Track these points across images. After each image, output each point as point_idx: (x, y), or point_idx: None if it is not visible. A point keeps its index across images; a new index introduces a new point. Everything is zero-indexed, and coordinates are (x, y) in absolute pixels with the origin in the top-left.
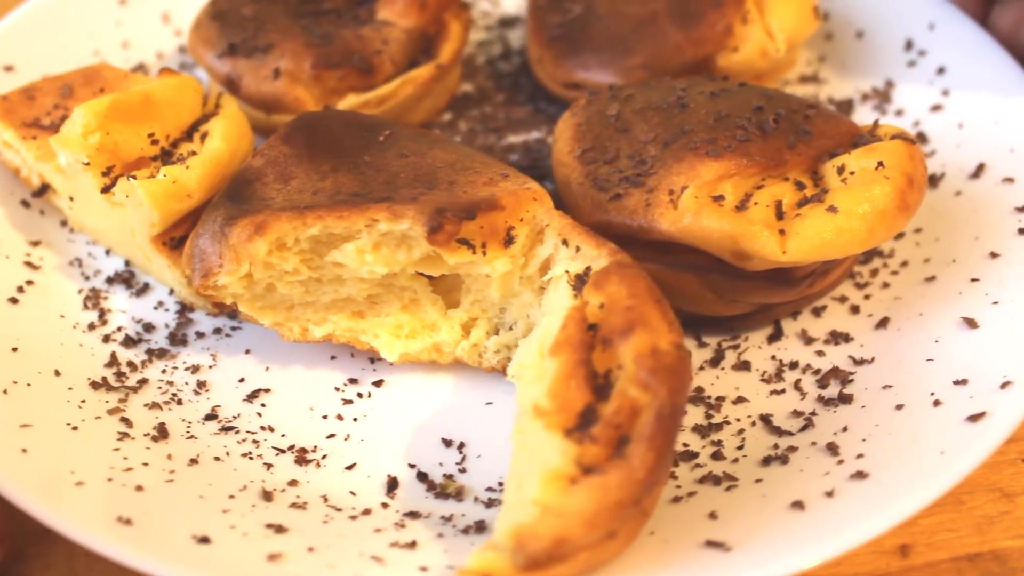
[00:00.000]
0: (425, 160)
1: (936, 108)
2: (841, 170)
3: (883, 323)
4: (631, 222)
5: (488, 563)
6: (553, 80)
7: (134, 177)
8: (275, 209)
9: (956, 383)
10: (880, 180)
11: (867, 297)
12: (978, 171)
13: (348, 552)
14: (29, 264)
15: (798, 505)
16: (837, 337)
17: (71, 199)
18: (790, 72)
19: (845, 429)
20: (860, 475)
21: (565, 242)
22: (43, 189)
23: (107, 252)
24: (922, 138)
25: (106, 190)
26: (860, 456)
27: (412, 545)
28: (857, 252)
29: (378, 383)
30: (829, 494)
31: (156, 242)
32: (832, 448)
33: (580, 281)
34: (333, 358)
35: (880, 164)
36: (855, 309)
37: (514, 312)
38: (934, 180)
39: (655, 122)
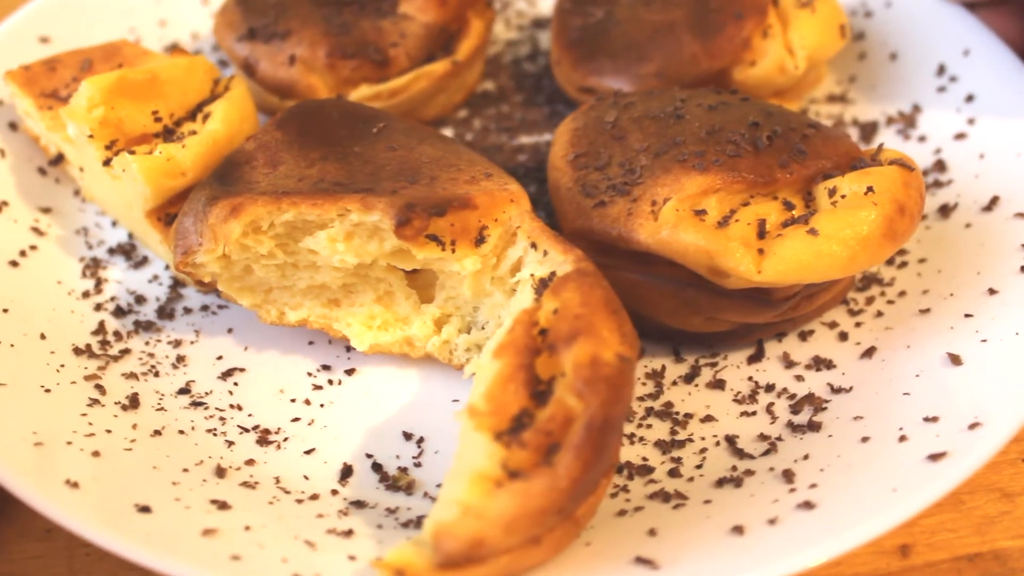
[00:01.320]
0: (412, 155)
1: (960, 136)
2: (832, 192)
3: (869, 352)
4: (611, 230)
5: (405, 558)
6: (570, 83)
7: (132, 152)
8: (255, 193)
9: (926, 420)
10: (867, 205)
11: (858, 325)
12: (991, 204)
13: (283, 534)
14: (36, 230)
15: (738, 530)
16: (819, 363)
17: (81, 169)
18: (818, 90)
19: (806, 457)
20: (807, 505)
21: (534, 245)
22: (59, 158)
23: (113, 224)
24: (941, 166)
25: (107, 163)
26: (813, 486)
27: (348, 534)
28: (837, 277)
29: (350, 371)
30: (772, 521)
31: (151, 217)
32: (788, 475)
33: (543, 285)
34: (311, 343)
35: (869, 189)
36: (843, 336)
37: (486, 312)
38: (946, 210)
39: (650, 131)
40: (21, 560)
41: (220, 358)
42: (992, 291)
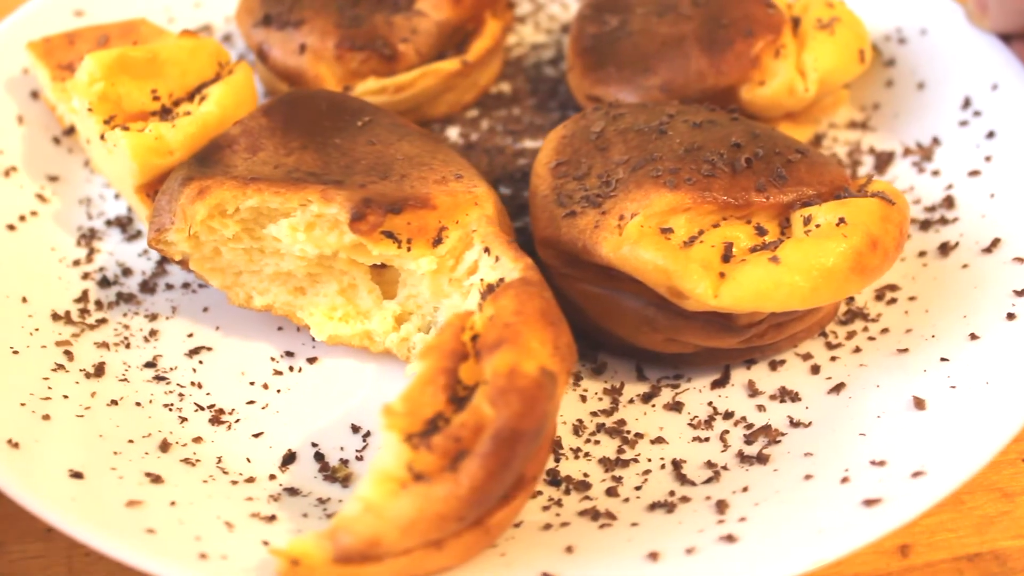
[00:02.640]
0: (389, 150)
1: (974, 173)
2: (807, 221)
3: (837, 388)
4: (577, 242)
5: (303, 549)
6: (579, 90)
7: (126, 128)
8: (224, 176)
9: (873, 463)
10: (836, 237)
11: (833, 359)
12: (992, 246)
13: (206, 513)
14: (40, 196)
15: (653, 556)
16: (785, 395)
17: (88, 141)
18: (839, 115)
19: (745, 489)
20: (729, 538)
21: (488, 250)
22: (71, 129)
23: (116, 196)
24: (949, 203)
25: (103, 137)
26: (742, 519)
27: (271, 519)
28: (798, 309)
29: (312, 360)
30: (689, 551)
31: (140, 193)
32: (721, 506)
33: (489, 291)
34: (280, 329)
35: (841, 220)
36: (815, 369)
37: (445, 313)
38: (946, 249)
39: (632, 145)
40: (21, 560)
41: (191, 335)
42: (974, 336)
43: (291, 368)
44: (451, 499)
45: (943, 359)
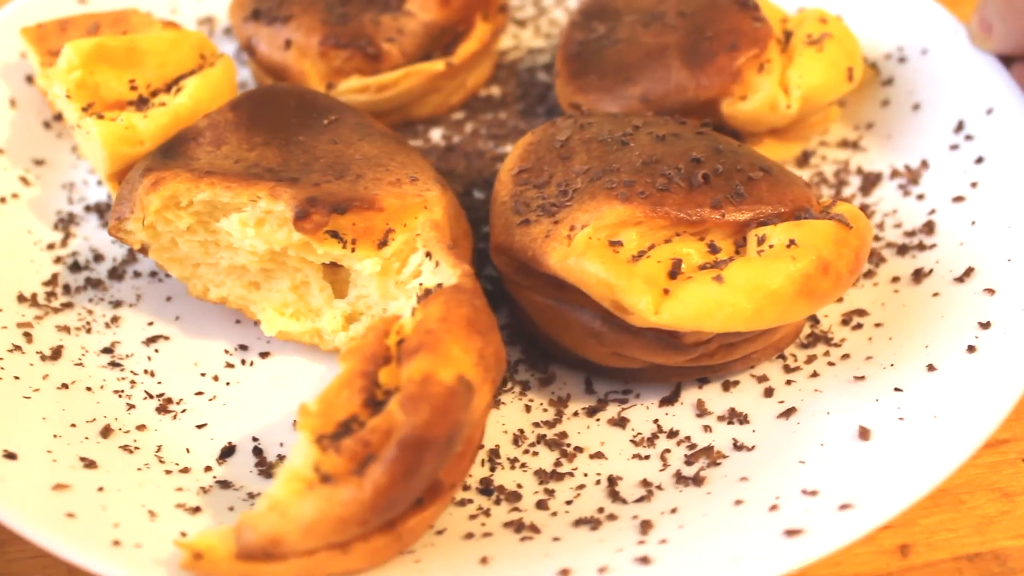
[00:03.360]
0: (348, 150)
1: (958, 199)
2: (761, 240)
3: (787, 413)
4: (527, 250)
5: (208, 542)
6: (563, 97)
7: (101, 117)
8: (181, 169)
9: (804, 492)
10: (785, 259)
11: (789, 383)
12: (965, 275)
13: (131, 501)
14: (23, 179)
15: (564, 572)
16: (734, 416)
17: (73, 127)
18: (832, 134)
19: (674, 511)
20: (644, 560)
21: (429, 255)
22: (60, 114)
23: (99, 182)
24: (929, 228)
25: (79, 124)
26: (663, 541)
27: (195, 511)
28: (741, 330)
29: (264, 355)
30: (601, 570)
31: (111, 180)
32: (645, 526)
33: (427, 295)
34: (238, 322)
35: (792, 242)
36: (769, 392)
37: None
38: (919, 276)
39: (594, 155)
40: (21, 560)
41: (151, 324)
42: (931, 368)
43: (243, 361)
44: (353, 503)
45: (897, 389)
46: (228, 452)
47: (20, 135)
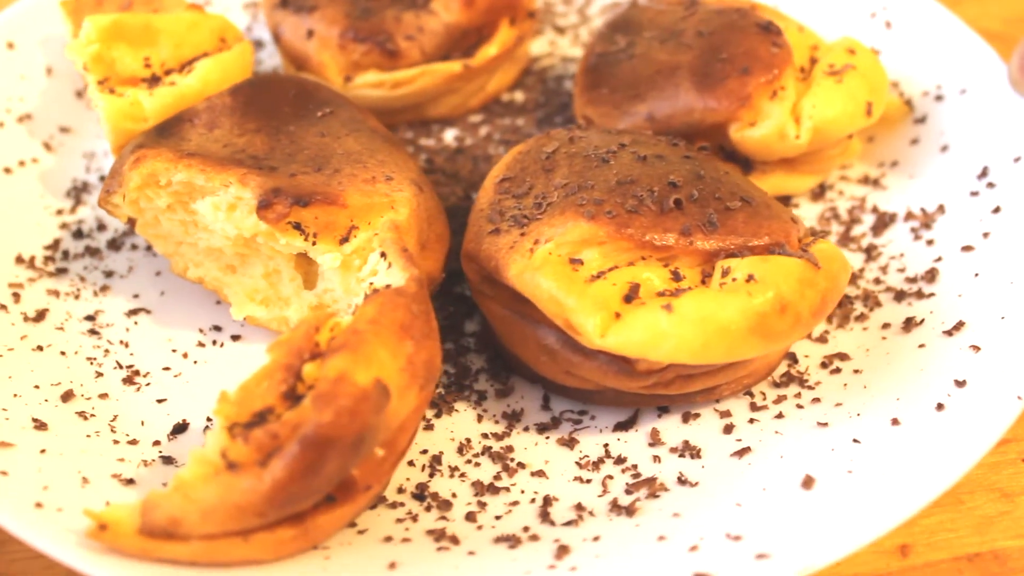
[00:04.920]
0: (334, 144)
1: (967, 248)
2: (725, 272)
3: (741, 452)
4: (491, 260)
5: (114, 515)
6: (577, 108)
7: (112, 91)
8: (164, 148)
9: (728, 536)
10: (740, 294)
11: (752, 422)
12: (954, 328)
13: (69, 466)
14: (47, 145)
15: None
16: (686, 450)
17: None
18: (856, 169)
19: (596, 539)
20: None
21: (384, 255)
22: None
23: None
24: (931, 276)
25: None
26: (573, 568)
27: (128, 482)
28: (687, 363)
29: (236, 338)
30: None
31: (116, 153)
32: (562, 551)
33: (375, 294)
34: (218, 303)
35: (751, 277)
36: (728, 429)
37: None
38: (910, 325)
39: (576, 170)
40: (21, 560)
41: (136, 296)
42: (895, 422)
43: (214, 342)
44: (251, 493)
45: (855, 440)
46: (180, 429)
47: (51, 102)
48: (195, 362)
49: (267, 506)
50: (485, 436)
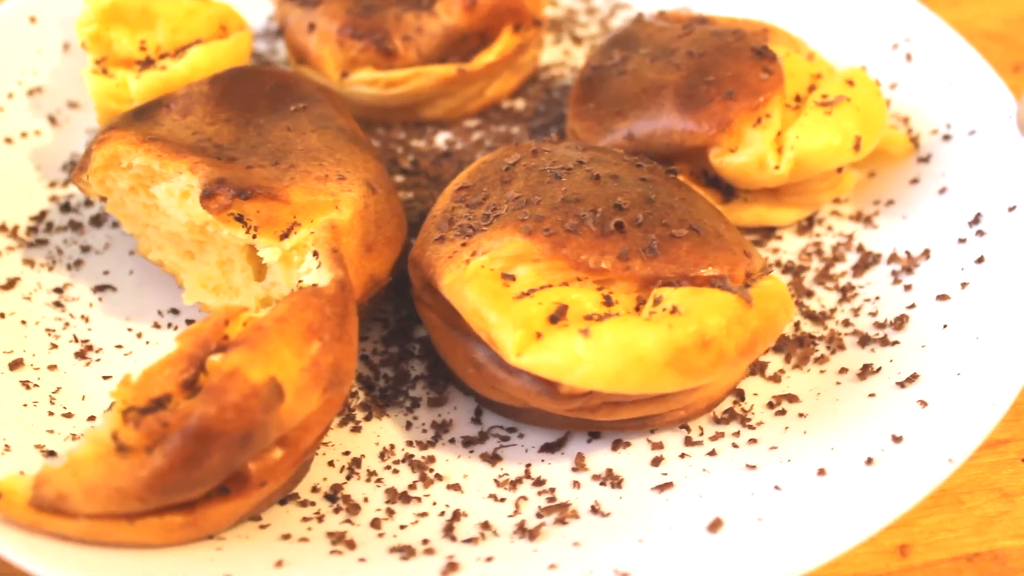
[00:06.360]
0: (298, 140)
1: (942, 298)
2: (657, 301)
3: (663, 488)
4: (430, 267)
5: (9, 486)
6: (568, 120)
7: (105, 71)
8: (129, 131)
9: (616, 573)
10: (661, 325)
11: (682, 456)
12: (907, 381)
13: None
14: (52, 119)
15: None
16: (608, 478)
17: None
18: (851, 204)
19: (489, 559)
20: None
21: (316, 254)
22: None
23: None
24: (900, 324)
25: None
26: None
27: (49, 454)
28: (599, 390)
29: (190, 322)
30: None
31: None
32: (450, 568)
33: (291, 293)
34: (180, 287)
35: (674, 309)
36: (657, 462)
37: None
38: (865, 373)
39: (530, 184)
40: None
41: (107, 273)
42: (822, 472)
43: (169, 325)
44: (132, 478)
45: (776, 487)
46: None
47: (62, 77)
48: (147, 343)
49: (147, 492)
50: (410, 444)
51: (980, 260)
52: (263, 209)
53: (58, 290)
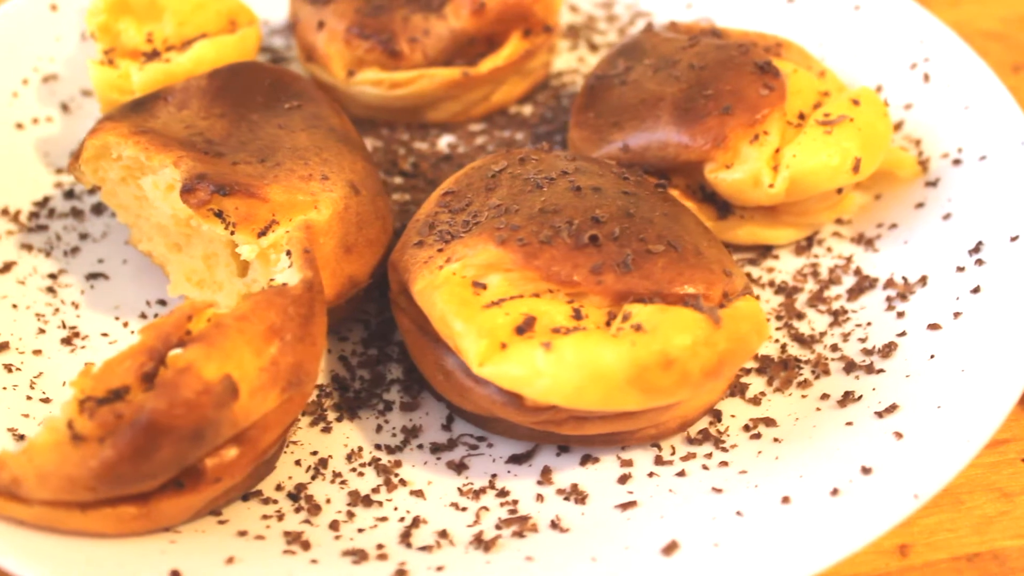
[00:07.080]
0: (287, 138)
1: (933, 327)
2: (626, 318)
3: (626, 506)
4: (406, 272)
5: None
6: (569, 128)
7: (111, 62)
8: (126, 123)
9: None
10: (624, 342)
11: (651, 475)
12: (886, 411)
13: None
14: (64, 106)
15: None
16: (573, 494)
17: None
18: (852, 226)
19: (440, 568)
20: None
21: (289, 253)
22: None
23: None
24: (887, 351)
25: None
26: None
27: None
28: (560, 404)
29: None
30: None
31: None
32: (400, 575)
33: (257, 292)
34: None
35: (639, 327)
36: (624, 479)
37: None
38: (846, 401)
39: (512, 192)
40: None
41: (101, 261)
42: (786, 500)
43: (155, 315)
44: (82, 467)
45: (738, 513)
46: None
47: (78, 65)
48: (132, 332)
49: (96, 482)
50: (378, 447)
51: (976, 290)
52: (241, 206)
53: (52, 276)
